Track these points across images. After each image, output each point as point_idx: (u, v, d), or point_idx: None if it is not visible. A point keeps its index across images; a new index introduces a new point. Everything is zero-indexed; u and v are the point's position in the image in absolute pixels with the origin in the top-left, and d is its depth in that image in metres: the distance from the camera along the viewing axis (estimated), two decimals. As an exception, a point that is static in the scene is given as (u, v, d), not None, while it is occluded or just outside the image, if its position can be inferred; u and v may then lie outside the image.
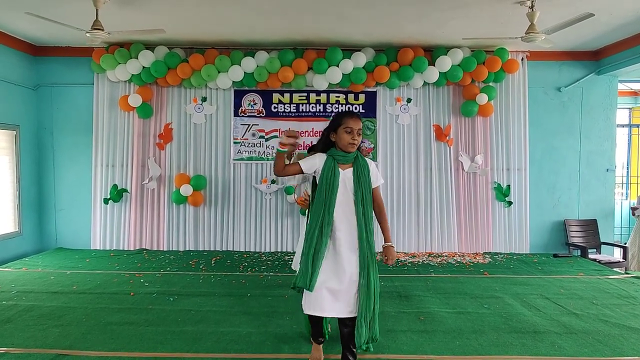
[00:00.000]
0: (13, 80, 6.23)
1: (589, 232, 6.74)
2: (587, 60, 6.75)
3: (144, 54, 6.24)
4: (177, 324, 3.72)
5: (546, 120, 6.79)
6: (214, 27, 5.74)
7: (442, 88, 6.70)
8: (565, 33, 5.09)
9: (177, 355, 3.17)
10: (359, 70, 6.32)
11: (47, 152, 6.74)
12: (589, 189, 6.86)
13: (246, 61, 6.28)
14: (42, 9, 4.82)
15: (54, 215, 6.78)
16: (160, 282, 4.99)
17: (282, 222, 6.76)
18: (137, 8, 4.94)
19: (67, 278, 5.09)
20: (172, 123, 6.69)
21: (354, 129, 2.72)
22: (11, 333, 3.52)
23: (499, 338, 3.48)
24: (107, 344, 3.33)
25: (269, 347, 3.31)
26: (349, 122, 2.72)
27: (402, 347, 3.31)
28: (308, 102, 6.70)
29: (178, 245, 6.70)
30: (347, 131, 2.72)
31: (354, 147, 2.75)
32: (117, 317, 3.87)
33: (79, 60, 6.60)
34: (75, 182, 6.74)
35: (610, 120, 6.83)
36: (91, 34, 4.64)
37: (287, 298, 4.43)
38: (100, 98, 6.63)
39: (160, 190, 6.70)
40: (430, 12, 5.10)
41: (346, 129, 2.72)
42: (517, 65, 6.51)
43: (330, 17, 5.29)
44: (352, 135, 2.72)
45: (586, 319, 3.90)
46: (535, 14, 4.54)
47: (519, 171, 6.73)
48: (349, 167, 2.79)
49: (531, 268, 5.72)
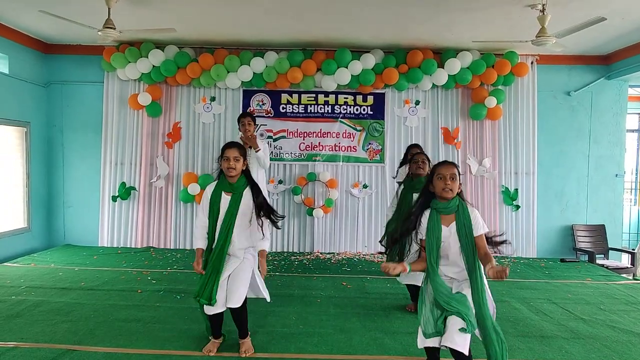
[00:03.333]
0: (24, 77, 6.29)
1: (597, 237, 6.70)
2: (597, 65, 6.72)
3: (154, 53, 6.28)
4: (184, 322, 3.74)
5: (555, 124, 6.76)
6: (224, 27, 5.77)
7: (450, 91, 6.69)
8: (576, 37, 5.07)
9: (185, 353, 3.19)
10: (368, 72, 6.33)
11: (57, 149, 6.79)
12: (598, 194, 6.82)
13: (255, 61, 6.30)
14: (54, 7, 4.86)
15: (63, 212, 6.83)
16: (167, 279, 5.02)
17: (289, 222, 6.77)
18: (148, 7, 4.97)
19: (76, 274, 5.13)
20: (181, 122, 6.72)
21: (445, 175, 2.72)
22: (20, 328, 3.55)
23: (506, 342, 3.46)
24: (115, 341, 3.35)
25: (275, 346, 3.32)
26: (440, 169, 2.74)
27: (408, 349, 3.31)
28: (316, 103, 6.71)
29: (185, 243, 6.73)
30: (439, 178, 2.73)
31: (449, 193, 2.72)
32: (125, 314, 3.90)
33: (90, 58, 6.66)
34: (84, 180, 6.79)
35: (620, 125, 6.79)
36: (103, 32, 4.67)
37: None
38: (110, 96, 6.68)
39: (168, 189, 6.73)
40: (440, 14, 5.10)
41: (438, 176, 2.74)
42: (526, 69, 6.50)
43: (339, 18, 5.30)
44: (445, 180, 2.71)
45: (594, 324, 3.87)
46: (546, 18, 4.52)
47: (527, 175, 6.71)
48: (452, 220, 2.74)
49: (538, 272, 5.69)
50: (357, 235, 6.78)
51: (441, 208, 2.76)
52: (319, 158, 6.74)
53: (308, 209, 6.67)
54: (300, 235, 6.81)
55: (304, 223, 6.80)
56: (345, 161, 6.75)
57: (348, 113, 6.72)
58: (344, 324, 3.78)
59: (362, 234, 6.79)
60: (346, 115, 6.73)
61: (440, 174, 2.74)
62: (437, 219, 2.75)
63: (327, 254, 6.61)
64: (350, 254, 6.61)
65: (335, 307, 4.21)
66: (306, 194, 6.74)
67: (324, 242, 6.79)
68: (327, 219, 6.78)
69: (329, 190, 6.67)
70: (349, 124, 6.73)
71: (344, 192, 6.78)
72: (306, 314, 3.99)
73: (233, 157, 3.12)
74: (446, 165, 2.77)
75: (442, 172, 2.73)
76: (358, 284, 5.04)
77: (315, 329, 3.66)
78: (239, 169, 3.16)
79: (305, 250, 6.78)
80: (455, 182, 2.73)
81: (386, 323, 3.81)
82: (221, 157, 3.16)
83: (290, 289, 4.76)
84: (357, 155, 6.73)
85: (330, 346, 3.33)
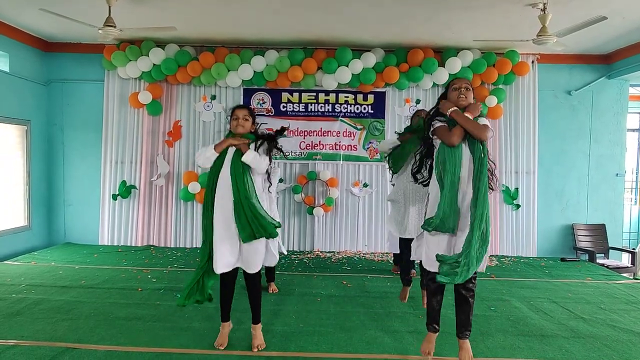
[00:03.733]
0: (24, 75, 6.29)
1: (597, 236, 6.70)
2: (598, 64, 6.71)
3: (155, 52, 6.27)
4: (184, 320, 3.75)
5: (556, 124, 6.76)
6: (225, 25, 5.76)
7: (451, 90, 6.68)
8: (577, 36, 5.06)
9: (185, 351, 3.19)
10: (369, 71, 6.32)
11: (57, 148, 6.79)
12: (598, 193, 6.82)
13: (256, 60, 6.30)
14: (55, 5, 4.85)
15: (63, 211, 6.83)
16: (168, 278, 5.02)
17: (290, 221, 6.77)
18: (149, 5, 4.97)
19: (76, 272, 5.13)
20: (181, 121, 6.72)
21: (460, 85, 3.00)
22: (21, 325, 3.55)
23: (506, 341, 3.47)
24: (115, 339, 3.35)
25: (275, 344, 3.32)
26: (454, 82, 3.02)
27: (408, 348, 3.31)
28: (317, 102, 6.71)
29: (185, 242, 6.73)
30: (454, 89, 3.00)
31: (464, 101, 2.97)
32: (125, 312, 3.90)
33: (90, 56, 6.65)
34: (84, 178, 6.79)
35: (620, 125, 6.78)
36: (103, 30, 4.67)
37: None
38: (110, 95, 6.68)
39: (168, 187, 6.73)
40: (441, 13, 5.09)
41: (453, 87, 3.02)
42: (527, 68, 6.49)
43: (340, 17, 5.29)
44: (460, 90, 2.98)
45: (594, 323, 3.87)
46: (547, 17, 4.52)
47: (527, 174, 6.71)
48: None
49: (538, 272, 5.69)
50: (357, 234, 6.78)
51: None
52: (319, 157, 6.74)
53: (308, 207, 6.67)
54: (301, 234, 6.81)
55: (304, 222, 6.80)
56: (345, 160, 6.75)
57: (348, 112, 6.72)
58: (344, 322, 3.78)
59: (362, 233, 6.79)
60: (347, 114, 6.72)
61: (455, 85, 3.01)
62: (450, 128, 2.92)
63: (327, 252, 6.61)
64: (351, 253, 6.61)
65: (335, 305, 4.21)
66: (306, 192, 6.74)
67: (324, 241, 6.79)
68: (327, 218, 6.78)
69: (329, 189, 6.67)
70: (350, 122, 6.73)
71: (344, 191, 6.78)
72: (306, 313, 3.99)
73: (242, 115, 3.13)
74: (460, 79, 3.08)
75: (457, 83, 3.01)
76: (358, 282, 5.04)
77: (316, 327, 3.66)
78: (248, 127, 3.16)
79: (306, 249, 6.78)
80: (470, 92, 2.99)
81: (386, 322, 3.81)
82: (230, 116, 3.17)
83: (290, 287, 4.75)
84: (358, 154, 6.73)
85: (331, 345, 3.34)
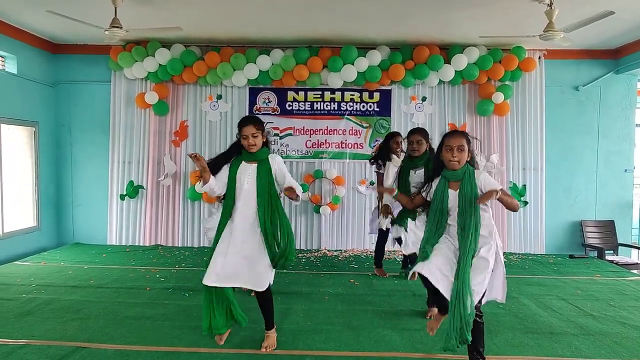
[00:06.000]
0: (32, 77, 6.33)
1: (606, 233, 6.65)
2: (605, 59, 6.65)
3: (161, 52, 6.30)
4: (192, 319, 3.76)
5: (563, 120, 6.71)
6: (230, 25, 5.77)
7: (457, 86, 6.66)
8: (584, 31, 5.01)
9: (193, 350, 3.21)
10: (374, 69, 6.31)
11: (65, 149, 6.84)
12: (607, 189, 6.76)
13: (261, 59, 6.31)
14: (61, 7, 4.88)
15: (72, 211, 6.88)
16: (176, 277, 5.04)
17: (296, 220, 6.78)
18: (154, 6, 4.99)
19: (85, 272, 5.17)
20: (188, 120, 6.75)
21: (453, 147, 2.79)
22: (31, 325, 3.59)
23: (515, 338, 3.46)
24: (124, 338, 3.38)
25: (283, 343, 3.33)
26: (448, 141, 2.83)
27: (416, 346, 3.31)
28: (323, 100, 6.71)
29: (192, 241, 6.76)
30: (447, 149, 2.82)
31: (455, 165, 2.80)
32: (134, 312, 3.93)
33: (97, 57, 6.69)
34: (92, 178, 6.84)
35: (629, 120, 6.73)
36: (109, 31, 4.70)
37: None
38: (117, 95, 6.72)
39: (175, 187, 6.76)
40: (447, 10, 5.07)
41: (446, 147, 2.83)
42: (534, 64, 6.44)
43: (345, 15, 5.29)
44: (452, 152, 2.79)
45: (603, 320, 3.85)
46: (554, 12, 4.48)
47: (535, 171, 6.67)
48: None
49: (547, 269, 5.66)
50: (364, 232, 6.77)
51: (449, 176, 2.84)
52: (326, 155, 6.74)
53: (315, 206, 6.68)
54: (308, 233, 6.81)
55: (311, 220, 6.80)
56: (351, 158, 6.74)
57: (354, 110, 6.71)
58: (351, 320, 3.78)
59: (369, 231, 6.78)
60: (352, 112, 6.72)
61: (448, 145, 2.81)
62: (445, 185, 2.84)
63: (334, 251, 6.61)
64: (358, 251, 6.60)
65: (342, 304, 4.21)
66: (313, 191, 6.75)
67: (331, 239, 6.79)
68: (334, 216, 6.78)
69: (335, 187, 6.67)
70: (356, 121, 6.72)
71: (350, 189, 6.78)
72: (314, 311, 4.00)
73: (251, 134, 3.06)
74: (454, 137, 2.81)
75: (450, 143, 2.80)
76: (365, 281, 5.04)
77: (323, 326, 3.66)
78: (260, 144, 3.12)
79: (313, 247, 6.79)
80: (463, 153, 2.78)
81: (394, 320, 3.81)
82: (239, 134, 3.11)
83: (298, 286, 4.77)
84: (364, 152, 6.72)
85: (338, 343, 3.34)
